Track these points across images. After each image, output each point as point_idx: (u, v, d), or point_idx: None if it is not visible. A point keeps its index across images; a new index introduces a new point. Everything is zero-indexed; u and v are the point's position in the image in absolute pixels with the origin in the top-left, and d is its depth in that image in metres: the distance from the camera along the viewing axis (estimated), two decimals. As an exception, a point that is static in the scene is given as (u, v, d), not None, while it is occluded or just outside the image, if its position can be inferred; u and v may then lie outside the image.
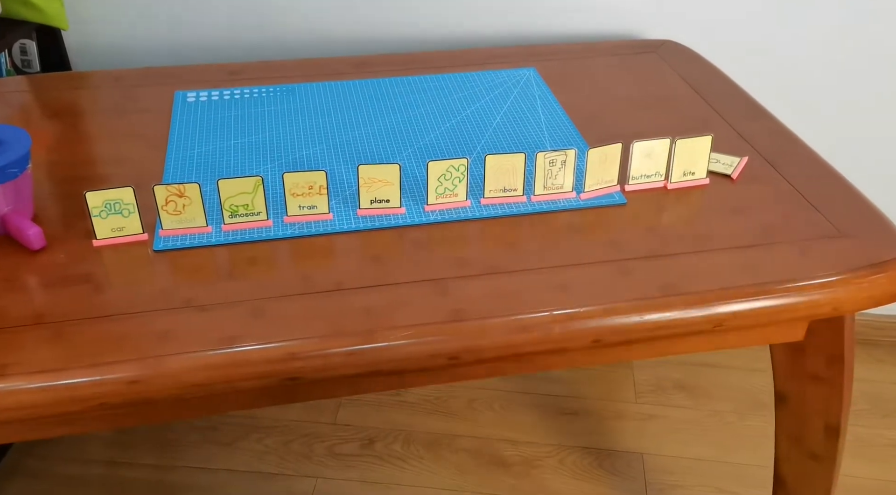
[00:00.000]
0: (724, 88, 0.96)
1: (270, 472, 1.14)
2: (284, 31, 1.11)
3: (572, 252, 0.67)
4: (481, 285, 0.63)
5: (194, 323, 0.59)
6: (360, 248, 0.68)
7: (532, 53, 1.05)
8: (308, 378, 0.58)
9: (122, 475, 1.14)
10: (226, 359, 0.56)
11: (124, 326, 0.58)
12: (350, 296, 0.62)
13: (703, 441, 1.19)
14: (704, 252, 0.67)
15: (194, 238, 0.67)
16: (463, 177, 0.71)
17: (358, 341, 0.58)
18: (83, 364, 0.55)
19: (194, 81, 0.97)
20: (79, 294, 0.61)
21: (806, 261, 0.65)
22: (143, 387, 0.55)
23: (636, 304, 0.61)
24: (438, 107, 0.90)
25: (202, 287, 0.63)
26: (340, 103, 0.91)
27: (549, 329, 0.60)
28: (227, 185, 0.66)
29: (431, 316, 0.60)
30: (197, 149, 0.81)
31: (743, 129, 0.86)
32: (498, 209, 0.72)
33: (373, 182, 0.70)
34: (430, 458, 1.17)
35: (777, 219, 0.71)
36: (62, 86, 0.97)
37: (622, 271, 0.64)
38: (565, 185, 0.73)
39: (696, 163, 0.75)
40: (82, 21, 1.12)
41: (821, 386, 0.74)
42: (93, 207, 0.64)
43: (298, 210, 0.69)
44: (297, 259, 0.66)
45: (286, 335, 0.58)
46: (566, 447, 1.19)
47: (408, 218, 0.71)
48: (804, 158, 0.80)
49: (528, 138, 0.84)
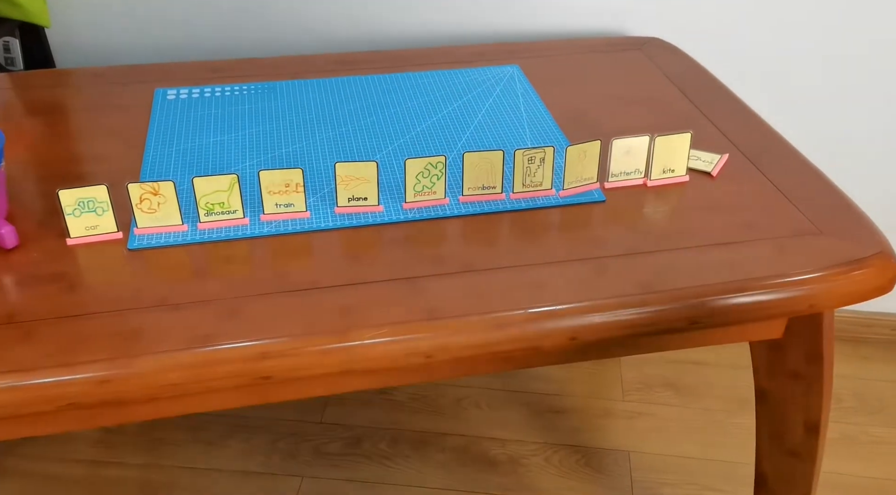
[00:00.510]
0: (708, 86, 0.95)
1: (256, 471, 1.14)
2: (267, 29, 1.10)
3: (550, 250, 0.67)
4: (457, 283, 0.63)
5: (167, 322, 0.58)
6: (337, 247, 0.67)
7: (516, 50, 1.04)
8: (281, 377, 0.57)
9: (108, 474, 1.13)
10: (197, 359, 0.56)
11: (96, 325, 0.58)
12: (325, 295, 0.61)
13: (689, 439, 1.19)
14: (682, 249, 0.66)
15: (169, 236, 0.67)
16: (441, 174, 0.71)
17: (331, 340, 0.58)
18: (53, 364, 0.54)
19: (176, 79, 0.96)
20: (51, 293, 0.61)
21: (784, 259, 0.65)
22: (114, 387, 0.54)
23: (613, 302, 0.61)
24: (420, 104, 0.90)
25: (176, 286, 0.62)
26: (322, 101, 0.91)
27: (524, 327, 0.59)
28: (203, 183, 0.66)
29: (406, 314, 0.59)
30: (176, 146, 0.81)
31: (725, 127, 0.86)
32: (477, 207, 0.72)
33: (350, 180, 0.69)
34: (416, 457, 1.16)
35: (756, 216, 0.71)
36: (43, 83, 0.97)
37: (600, 269, 0.64)
38: (544, 183, 0.73)
39: (675, 160, 0.74)
40: (66, 18, 1.11)
41: (800, 383, 0.74)
42: (66, 205, 0.64)
43: (275, 208, 0.69)
44: (273, 257, 0.66)
45: (259, 334, 0.58)
46: (553, 445, 1.18)
47: (386, 216, 0.71)
48: (785, 155, 0.80)
49: (510, 136, 0.84)
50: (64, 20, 1.11)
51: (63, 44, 1.14)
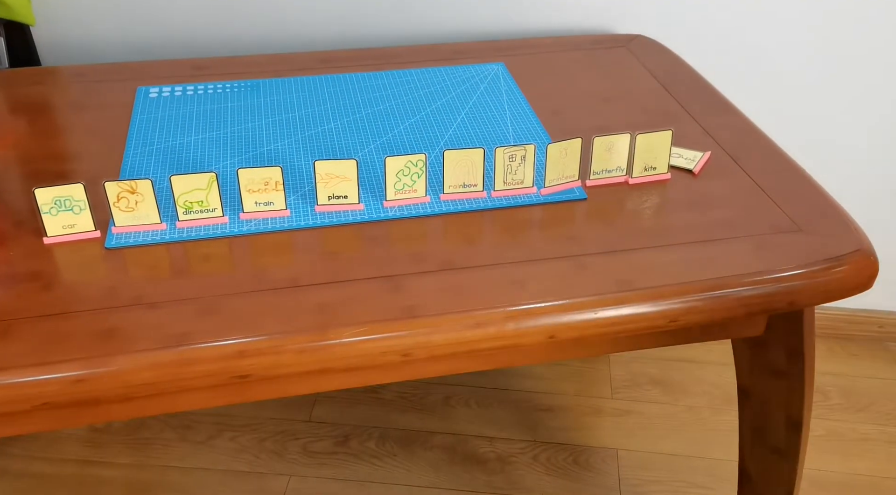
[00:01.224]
0: (692, 83, 0.95)
1: (244, 470, 1.14)
2: (250, 27, 1.10)
3: (530, 247, 0.67)
4: (436, 281, 0.63)
5: (143, 320, 0.58)
6: (317, 245, 0.67)
7: (501, 48, 1.04)
8: (258, 375, 0.57)
9: (97, 474, 1.13)
10: (174, 357, 0.56)
11: (71, 324, 0.57)
12: (304, 293, 0.61)
13: (677, 436, 1.19)
14: (662, 247, 0.66)
15: (147, 235, 0.67)
16: (422, 172, 0.71)
17: (309, 338, 0.58)
18: (27, 363, 0.54)
19: (158, 77, 0.96)
20: (27, 292, 0.60)
21: (763, 256, 0.65)
22: (88, 387, 0.54)
23: (591, 300, 0.61)
24: (404, 102, 0.90)
25: (153, 284, 0.62)
26: (305, 99, 0.90)
27: (502, 325, 0.59)
28: (181, 181, 0.66)
29: (384, 312, 0.59)
30: (157, 145, 0.81)
31: (707, 124, 0.86)
32: (458, 205, 0.72)
33: (330, 178, 0.69)
34: (404, 455, 1.16)
35: (736, 213, 0.71)
36: (25, 81, 0.96)
37: (579, 267, 0.64)
38: (525, 181, 0.73)
39: (657, 157, 0.74)
40: (51, 16, 1.11)
41: (782, 380, 0.74)
42: (42, 204, 0.63)
43: (255, 206, 0.69)
44: (252, 256, 0.66)
45: (237, 332, 0.57)
46: (541, 443, 1.18)
47: (366, 214, 0.70)
48: (766, 153, 0.80)
49: (493, 134, 0.84)
50: (49, 18, 1.11)
51: (48, 41, 1.13)
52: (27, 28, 1.12)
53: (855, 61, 1.10)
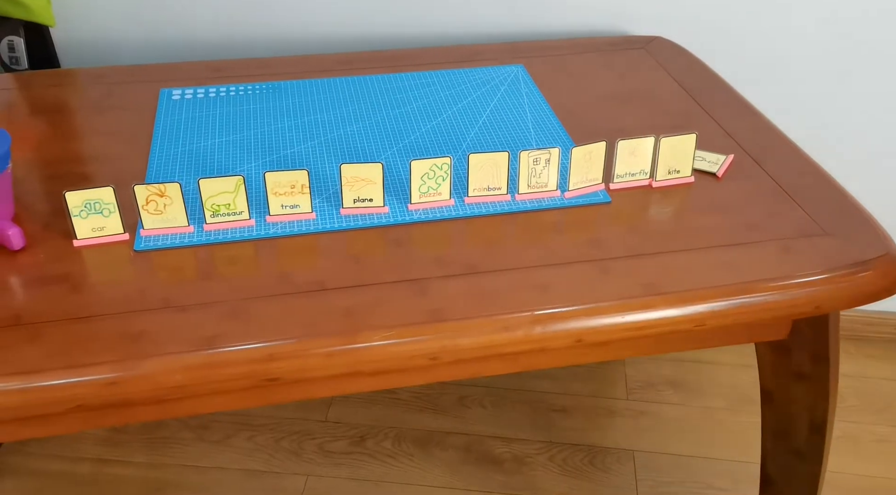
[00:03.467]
0: (712, 85, 0.95)
1: (260, 470, 1.14)
2: (270, 29, 1.10)
3: (555, 251, 0.67)
4: (462, 285, 0.63)
5: (173, 323, 0.59)
6: (342, 248, 0.67)
7: (520, 50, 1.04)
8: (287, 378, 0.57)
9: (113, 473, 1.14)
10: (204, 360, 0.56)
11: (102, 327, 0.58)
12: (331, 297, 0.62)
13: (693, 438, 1.19)
14: (687, 251, 0.66)
15: (175, 238, 0.67)
16: (446, 175, 0.71)
17: (337, 342, 0.58)
18: (60, 365, 0.54)
19: (179, 79, 0.96)
20: (58, 294, 0.61)
21: (789, 260, 0.65)
22: (121, 389, 0.55)
23: (618, 304, 0.61)
24: (425, 104, 0.90)
25: (182, 287, 0.62)
26: (326, 101, 0.91)
27: (529, 329, 0.60)
28: (209, 185, 0.66)
29: (411, 316, 0.60)
30: (181, 147, 0.81)
31: (729, 126, 0.86)
32: (482, 208, 0.72)
33: (356, 181, 0.69)
34: (420, 456, 1.17)
35: (761, 217, 0.70)
36: (47, 83, 0.97)
37: (604, 270, 0.64)
38: (549, 184, 0.73)
39: (680, 161, 0.74)
40: (70, 17, 1.11)
41: (806, 384, 0.74)
42: (72, 207, 0.64)
43: (281, 209, 0.69)
44: (278, 259, 0.66)
45: (265, 336, 0.58)
46: (557, 444, 1.19)
47: (391, 217, 0.71)
48: (790, 156, 0.80)
49: (515, 136, 0.84)
50: (67, 19, 1.11)
51: (67, 42, 1.14)
52: (46, 29, 1.12)
53: (875, 62, 1.09)
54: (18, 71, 1.16)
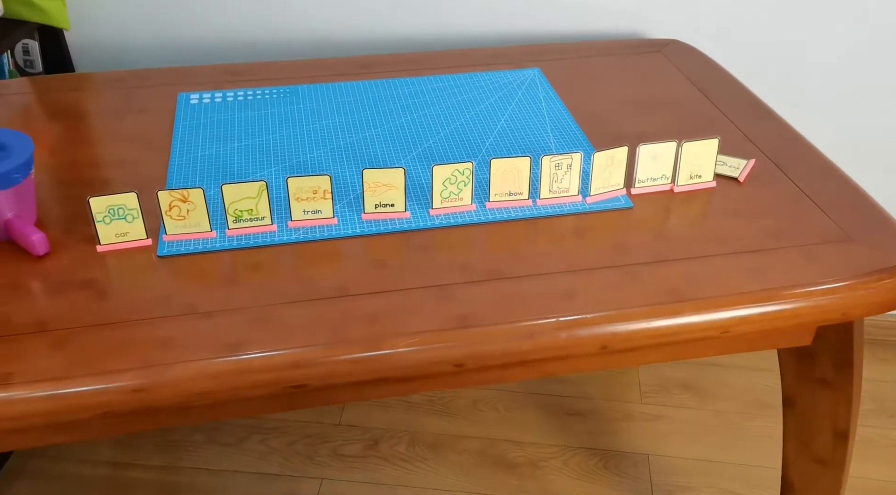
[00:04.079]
0: (730, 89, 0.95)
1: (275, 473, 1.14)
2: (287, 32, 1.10)
3: (578, 257, 0.66)
4: (486, 291, 0.63)
5: (198, 330, 0.58)
6: (364, 253, 0.67)
7: (536, 53, 1.04)
8: (313, 386, 0.57)
9: (127, 476, 1.14)
10: (230, 367, 0.56)
11: (128, 333, 0.58)
12: (355, 303, 0.61)
13: (708, 442, 1.19)
14: (711, 256, 0.66)
15: (198, 243, 0.67)
16: (468, 181, 0.71)
17: (363, 348, 0.58)
18: (87, 372, 0.54)
19: (196, 83, 0.96)
20: (82, 300, 0.61)
21: (814, 266, 0.64)
22: (148, 396, 0.55)
23: (643, 311, 0.61)
24: (443, 108, 0.90)
25: (206, 293, 0.62)
26: (344, 105, 0.91)
27: (555, 336, 0.59)
28: (232, 190, 0.66)
29: (436, 322, 0.59)
30: (201, 151, 0.81)
31: (749, 131, 0.85)
32: (503, 213, 0.72)
33: (377, 186, 0.69)
34: (434, 459, 1.17)
35: (784, 222, 0.70)
36: (64, 87, 0.97)
37: (629, 276, 0.64)
38: (571, 189, 0.73)
39: (702, 165, 0.74)
40: (85, 21, 1.11)
41: (829, 391, 0.74)
42: (96, 213, 0.64)
43: (303, 215, 0.69)
44: (301, 264, 0.66)
45: (291, 342, 0.58)
46: (571, 448, 1.18)
47: (413, 222, 0.70)
48: (811, 160, 0.80)
49: (534, 141, 0.83)
50: (82, 22, 1.11)
51: (81, 45, 1.14)
52: (61, 32, 1.12)
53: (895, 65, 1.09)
54: (33, 74, 1.16)
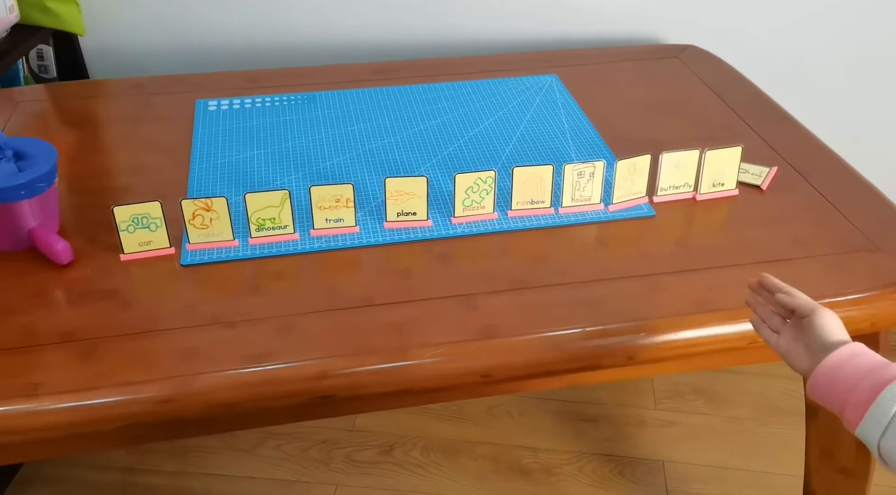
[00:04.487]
0: (749, 94, 0.94)
1: (289, 479, 1.14)
2: (302, 38, 1.10)
3: (602, 266, 0.66)
4: (511, 300, 0.62)
5: (223, 340, 0.58)
6: (387, 262, 0.67)
7: (553, 59, 1.04)
8: (340, 396, 0.57)
9: (141, 481, 1.14)
10: (256, 378, 0.56)
11: (153, 343, 0.58)
12: (378, 312, 0.61)
13: (723, 448, 1.18)
14: (736, 266, 0.66)
15: (221, 252, 0.67)
16: (490, 189, 0.70)
17: (389, 359, 0.57)
18: (114, 383, 0.54)
19: (213, 89, 0.96)
20: (107, 310, 0.61)
21: (841, 276, 0.64)
22: (174, 406, 0.54)
23: (670, 321, 0.60)
24: (462, 115, 0.90)
25: (229, 302, 0.62)
26: (362, 111, 0.90)
27: (582, 346, 0.59)
28: (255, 199, 0.66)
29: (462, 333, 0.59)
30: (220, 159, 0.81)
31: (769, 137, 0.85)
32: (525, 221, 0.71)
33: (400, 195, 0.69)
34: (448, 465, 1.16)
35: (809, 231, 0.70)
36: (81, 94, 0.97)
37: (653, 286, 0.64)
38: (593, 197, 0.72)
39: (725, 173, 0.74)
40: (99, 26, 1.11)
41: (852, 400, 0.73)
42: (120, 222, 0.64)
43: (325, 223, 0.69)
44: (324, 273, 0.66)
45: (316, 353, 0.57)
46: (586, 454, 1.18)
47: (434, 230, 0.70)
48: (833, 167, 0.79)
49: (553, 147, 0.83)
50: (96, 27, 1.11)
51: (95, 51, 1.14)
52: (75, 38, 1.13)
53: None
54: (47, 79, 1.16)
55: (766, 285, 0.53)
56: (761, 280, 0.54)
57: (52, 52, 1.14)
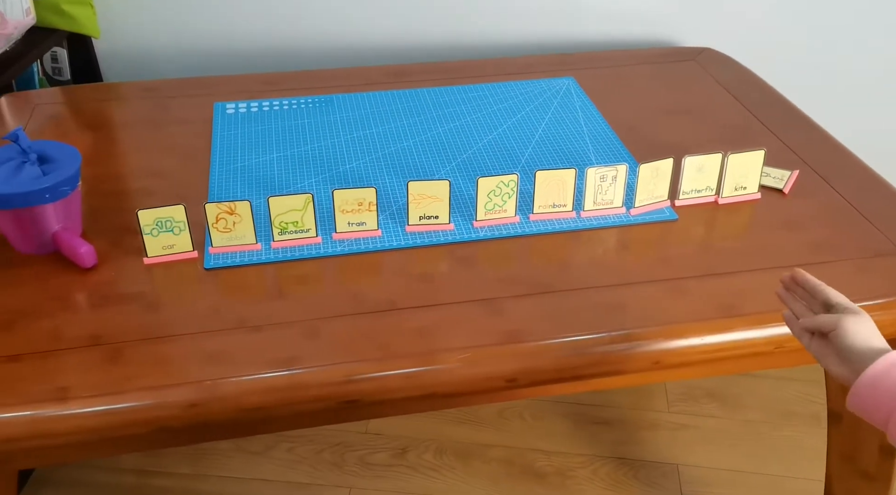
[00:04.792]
0: (767, 97, 0.94)
1: (303, 482, 1.14)
2: (315, 41, 1.10)
3: (625, 270, 0.66)
4: (535, 304, 0.62)
5: (249, 344, 0.58)
6: (409, 266, 0.67)
7: (569, 62, 1.03)
8: (366, 401, 0.57)
9: (155, 484, 1.14)
10: (283, 382, 0.56)
11: (180, 347, 0.58)
12: (402, 316, 0.61)
13: (737, 451, 1.18)
14: (761, 270, 0.66)
15: (244, 255, 0.67)
16: (513, 192, 0.70)
17: (415, 363, 0.57)
18: (141, 387, 0.54)
19: (230, 92, 0.96)
20: (132, 313, 0.60)
21: (867, 280, 0.64)
22: (203, 410, 0.54)
23: (696, 326, 0.60)
24: (480, 118, 0.89)
25: (254, 306, 0.62)
26: (380, 114, 0.90)
27: (608, 351, 0.59)
28: (278, 203, 0.66)
29: (487, 337, 0.59)
30: (241, 162, 0.81)
31: (788, 139, 0.85)
32: (547, 225, 0.71)
33: (422, 198, 0.69)
34: (462, 468, 1.16)
35: (832, 234, 0.69)
36: (98, 97, 0.97)
37: (678, 290, 0.63)
38: (615, 201, 0.72)
39: (747, 177, 0.74)
40: (112, 29, 1.11)
41: (875, 404, 0.73)
42: (144, 225, 0.63)
43: (347, 226, 0.69)
44: (346, 277, 0.66)
45: (342, 357, 0.57)
46: (600, 457, 1.17)
47: (456, 234, 0.70)
48: (854, 170, 0.79)
49: (573, 150, 0.83)
50: (111, 30, 1.12)
51: (108, 54, 1.14)
52: (89, 40, 1.13)
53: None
54: (61, 81, 1.16)
55: (800, 281, 0.53)
56: (794, 275, 0.53)
57: (66, 55, 1.14)
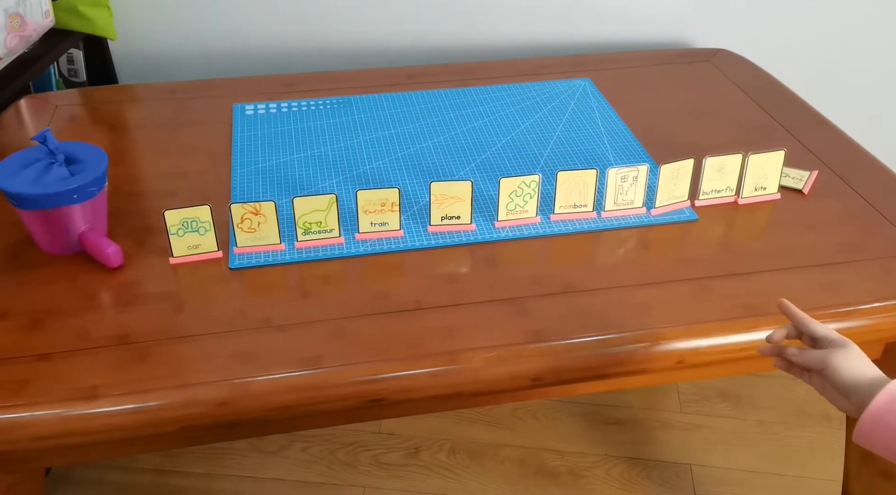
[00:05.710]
0: (783, 98, 0.94)
1: (318, 481, 1.14)
2: (335, 42, 1.10)
3: (647, 270, 0.66)
4: (559, 304, 0.62)
5: (276, 343, 0.59)
6: (432, 266, 0.67)
7: (584, 63, 1.04)
8: (392, 399, 0.57)
9: (171, 483, 1.14)
10: (311, 381, 0.56)
11: (208, 346, 0.58)
12: (427, 316, 0.61)
13: (750, 452, 1.18)
14: (783, 270, 0.66)
15: (268, 255, 0.67)
16: (534, 193, 0.71)
17: (441, 362, 0.58)
18: (171, 385, 0.55)
19: (249, 93, 0.96)
20: (160, 313, 0.61)
21: (888, 280, 0.64)
22: (231, 409, 0.55)
23: (721, 325, 0.60)
24: (497, 119, 0.90)
25: (279, 306, 0.62)
26: (398, 115, 0.91)
27: (632, 350, 0.59)
28: (302, 203, 0.66)
29: (512, 336, 0.59)
30: (261, 163, 0.81)
31: (806, 140, 0.85)
32: (568, 225, 0.72)
33: (445, 198, 0.69)
34: (475, 468, 1.16)
35: (854, 235, 0.70)
36: (116, 99, 0.97)
37: (702, 290, 0.64)
38: (636, 201, 0.73)
39: (767, 177, 0.74)
40: (128, 30, 1.12)
41: None
42: (171, 226, 0.64)
43: (370, 227, 0.69)
44: (370, 277, 0.66)
45: (369, 356, 0.58)
46: (613, 457, 1.18)
47: (478, 234, 0.70)
48: (873, 170, 0.79)
49: (591, 151, 0.83)
50: (126, 32, 1.12)
51: (124, 55, 1.14)
52: (105, 42, 1.13)
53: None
54: (77, 83, 1.17)
55: (784, 312, 0.52)
56: (779, 305, 0.52)
57: (82, 56, 1.15)
